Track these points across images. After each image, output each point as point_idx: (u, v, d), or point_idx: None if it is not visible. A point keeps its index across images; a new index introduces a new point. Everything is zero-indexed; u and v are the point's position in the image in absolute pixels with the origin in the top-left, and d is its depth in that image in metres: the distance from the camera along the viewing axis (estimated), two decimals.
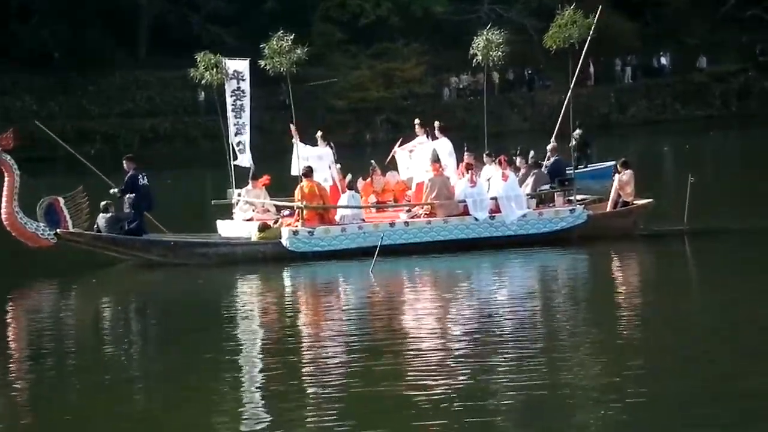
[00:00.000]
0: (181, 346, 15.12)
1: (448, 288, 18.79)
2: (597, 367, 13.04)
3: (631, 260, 21.05)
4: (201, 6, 63.44)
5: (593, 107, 61.87)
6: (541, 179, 22.44)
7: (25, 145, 57.71)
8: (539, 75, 63.24)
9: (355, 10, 62.71)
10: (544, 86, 63.39)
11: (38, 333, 16.50)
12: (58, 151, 57.56)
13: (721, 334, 14.53)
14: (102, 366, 14.17)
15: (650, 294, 17.64)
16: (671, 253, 21.21)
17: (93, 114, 60.18)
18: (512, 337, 14.58)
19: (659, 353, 13.60)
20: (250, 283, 20.07)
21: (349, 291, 19.30)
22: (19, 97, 59.89)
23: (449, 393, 12.04)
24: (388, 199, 22.98)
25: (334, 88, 61.34)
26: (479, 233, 21.63)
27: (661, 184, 35.85)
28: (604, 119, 62.05)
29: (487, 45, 23.42)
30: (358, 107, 60.94)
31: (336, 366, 13.47)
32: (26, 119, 58.78)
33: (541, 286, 19.07)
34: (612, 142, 52.05)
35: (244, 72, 23.10)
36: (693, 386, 12.12)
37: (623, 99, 64.83)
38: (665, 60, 66.21)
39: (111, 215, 21.26)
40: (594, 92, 63.12)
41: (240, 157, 23.04)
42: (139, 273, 21.18)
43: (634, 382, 12.17)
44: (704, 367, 12.87)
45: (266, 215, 22.52)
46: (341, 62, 62.19)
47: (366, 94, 61.17)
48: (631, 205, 22.31)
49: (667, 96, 64.93)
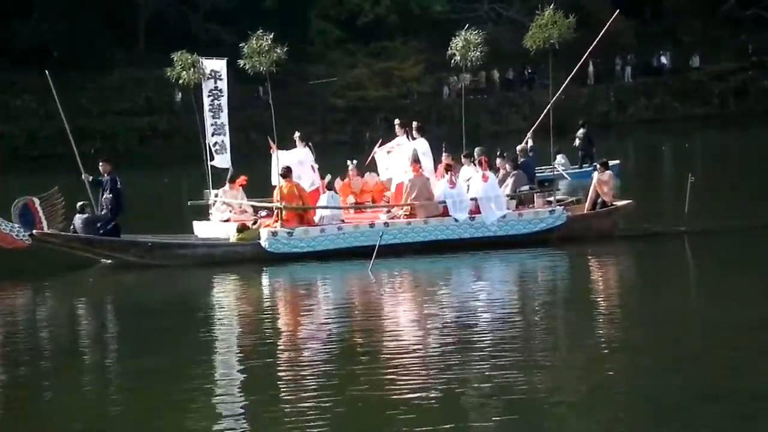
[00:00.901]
0: (158, 349, 14.98)
1: (427, 289, 18.69)
2: (579, 368, 12.97)
3: (612, 261, 20.93)
4: (200, 4, 63.40)
5: (593, 106, 61.84)
6: (521, 180, 22.35)
7: (26, 143, 58.21)
8: (539, 74, 63.11)
9: (353, 9, 62.78)
10: (544, 85, 63.14)
11: (11, 335, 16.36)
12: (57, 149, 58.13)
13: (705, 334, 14.51)
14: (76, 368, 14.10)
15: (630, 294, 17.61)
16: (650, 254, 21.10)
17: (92, 112, 60.18)
18: (492, 339, 14.50)
19: (640, 353, 13.57)
20: (228, 284, 19.93)
21: (328, 292, 19.20)
22: (18, 95, 59.96)
23: (428, 395, 12.01)
24: (366, 200, 22.91)
25: (333, 87, 61.33)
26: (459, 234, 21.54)
27: (660, 183, 35.80)
28: (603, 118, 61.96)
29: (466, 45, 23.30)
30: (357, 106, 60.88)
31: (315, 368, 13.39)
32: (26, 118, 59.19)
33: (521, 287, 18.97)
34: (612, 141, 51.98)
35: (222, 71, 22.98)
36: (680, 386, 12.04)
37: (623, 98, 64.80)
38: (665, 59, 66.13)
39: (87, 216, 21.14)
40: (593, 91, 63.06)
41: (217, 158, 22.90)
42: (116, 274, 21.00)
43: (621, 382, 12.22)
44: (691, 367, 12.82)
45: (243, 216, 22.42)
46: (340, 61, 62.22)
47: (365, 93, 61.15)
48: (611, 206, 22.23)
49: (666, 95, 64.87)
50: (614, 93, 64.64)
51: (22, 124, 58.72)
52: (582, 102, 62.92)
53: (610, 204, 22.25)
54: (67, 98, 59.07)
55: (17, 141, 58.33)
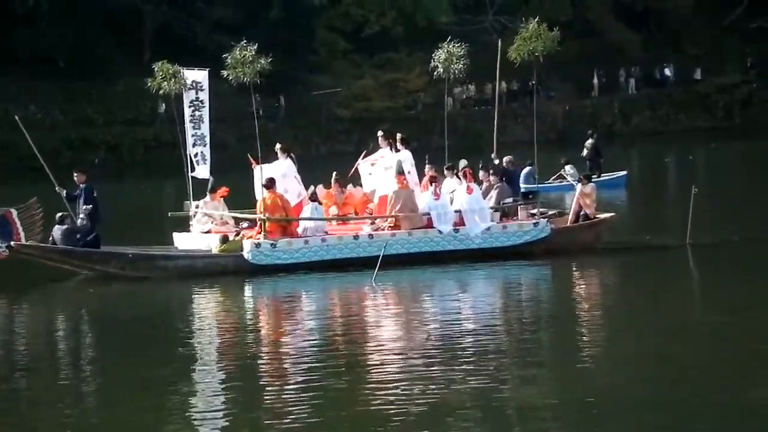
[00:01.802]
0: (138, 363, 14.80)
1: (411, 302, 18.59)
2: (566, 381, 12.88)
3: (596, 274, 20.82)
4: (205, 14, 63.40)
5: (597, 117, 61.70)
6: (505, 192, 22.24)
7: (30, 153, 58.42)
8: (543, 85, 63.00)
9: (359, 20, 62.68)
10: (548, 97, 63.17)
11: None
12: (60, 159, 58.20)
13: (694, 345, 14.61)
14: (54, 382, 13.95)
15: (615, 307, 17.52)
16: (634, 266, 21.02)
17: (97, 122, 60.22)
18: (477, 352, 14.38)
19: (626, 366, 13.52)
20: (210, 296, 19.76)
21: (311, 305, 19.03)
22: (24, 104, 60.03)
23: (410, 408, 11.92)
24: (348, 212, 22.77)
25: (337, 98, 61.32)
26: (443, 246, 21.39)
27: (663, 195, 35.62)
28: (608, 129, 61.75)
29: (449, 57, 23.19)
30: (362, 116, 60.82)
31: (297, 381, 13.29)
32: (32, 127, 59.16)
33: (506, 299, 18.81)
34: (616, 152, 51.81)
35: (203, 82, 22.89)
36: (670, 399, 12.02)
37: (627, 109, 64.64)
38: (669, 71, 65.96)
39: (67, 227, 20.88)
40: (598, 103, 62.93)
41: (198, 168, 22.79)
42: (96, 286, 20.72)
43: (608, 396, 12.18)
44: (679, 380, 12.84)
45: (224, 228, 22.28)
46: (345, 71, 62.17)
47: (369, 104, 61.07)
48: (594, 218, 22.09)
49: (671, 106, 64.66)
50: (618, 104, 64.49)
51: (28, 134, 58.54)
52: (587, 113, 62.86)
53: (593, 216, 22.14)
54: (72, 108, 59.99)
55: (21, 151, 58.30)
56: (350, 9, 63.01)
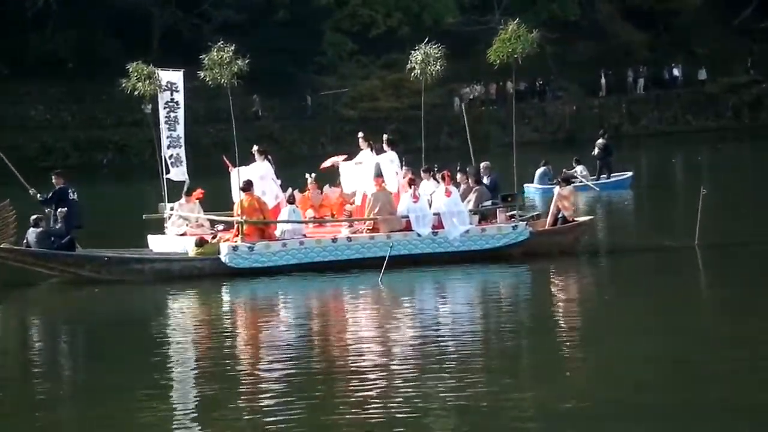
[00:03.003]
0: (113, 369, 14.62)
1: (389, 305, 18.40)
2: (549, 388, 12.67)
3: (575, 277, 20.57)
4: (212, 15, 63.41)
5: (605, 118, 61.39)
6: (484, 195, 22.06)
7: (39, 154, 58.54)
8: (550, 86, 62.76)
9: (366, 21, 62.62)
10: (556, 97, 62.93)
11: None
12: (70, 160, 58.33)
13: (678, 348, 14.36)
14: (26, 389, 13.85)
15: (594, 310, 17.30)
16: (613, 269, 20.98)
17: (105, 123, 60.31)
18: (457, 357, 14.22)
19: (605, 371, 13.40)
20: (187, 300, 19.58)
21: (289, 309, 18.83)
22: (32, 106, 60.23)
23: (388, 414, 11.81)
24: (325, 214, 22.62)
25: (344, 98, 61.26)
26: (422, 249, 21.22)
27: (670, 196, 35.32)
28: (615, 130, 61.45)
29: (425, 59, 23.00)
30: (368, 117, 60.75)
31: (275, 387, 13.18)
32: (40, 128, 59.43)
33: (485, 303, 18.57)
34: (624, 152, 51.51)
35: (178, 83, 22.73)
36: (654, 408, 11.82)
37: (634, 110, 64.31)
38: (677, 71, 65.60)
39: (41, 230, 20.77)
40: (605, 103, 62.63)
41: (173, 170, 22.63)
42: (70, 290, 20.59)
43: (593, 401, 12.04)
44: (656, 386, 12.66)
45: (200, 230, 22.11)
46: (352, 72, 62.08)
47: (376, 104, 61.00)
48: (572, 221, 21.88)
49: (679, 107, 64.28)
50: (626, 105, 64.22)
51: (35, 135, 58.96)
52: (594, 114, 62.59)
53: (572, 219, 21.92)
54: (80, 109, 60.15)
55: (30, 151, 58.58)
56: (357, 10, 63.04)
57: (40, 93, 60.48)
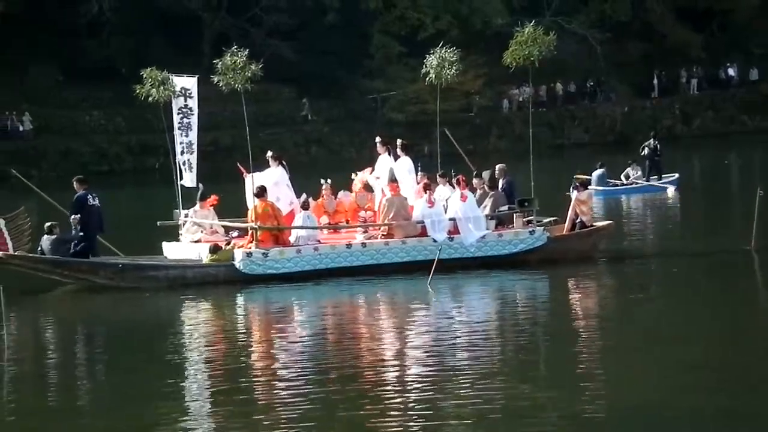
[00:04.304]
0: (128, 374, 14.62)
1: (406, 313, 18.18)
2: (566, 398, 12.43)
3: (594, 283, 20.27)
4: (262, 20, 63.59)
5: (657, 119, 60.60)
6: (500, 200, 21.71)
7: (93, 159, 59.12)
8: (601, 87, 62.03)
9: (414, 23, 62.35)
10: (607, 98, 62.20)
11: None
12: (123, 164, 58.89)
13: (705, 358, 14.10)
14: (43, 396, 13.81)
15: (613, 318, 17.00)
16: (634, 275, 20.50)
17: (156, 127, 60.73)
18: (472, 364, 14.02)
19: (624, 380, 13.12)
20: (201, 307, 19.44)
21: (304, 315, 18.68)
22: (87, 111, 60.93)
23: (406, 420, 11.69)
24: (340, 220, 22.40)
25: (392, 102, 61.12)
26: (437, 255, 20.88)
27: (724, 198, 34.70)
28: (668, 131, 60.59)
29: (441, 63, 22.72)
30: (416, 120, 60.49)
31: (290, 395, 13.04)
32: (95, 133, 60.10)
33: (502, 310, 18.33)
34: (676, 154, 50.75)
35: (192, 89, 22.73)
36: None
37: (688, 111, 63.34)
38: (732, 71, 64.48)
39: (56, 237, 20.75)
40: (658, 104, 61.80)
41: (186, 176, 22.57)
42: (85, 297, 20.54)
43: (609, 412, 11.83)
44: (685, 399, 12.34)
45: (214, 237, 22.01)
46: (400, 75, 61.81)
47: (424, 107, 60.62)
48: (590, 226, 21.47)
49: (734, 107, 63.16)
50: (679, 106, 63.28)
51: (91, 140, 59.67)
52: (646, 115, 61.76)
53: (590, 224, 21.52)
54: (133, 114, 60.52)
55: (84, 157, 59.26)
56: (405, 13, 62.77)
57: (94, 98, 61.09)
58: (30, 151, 56.26)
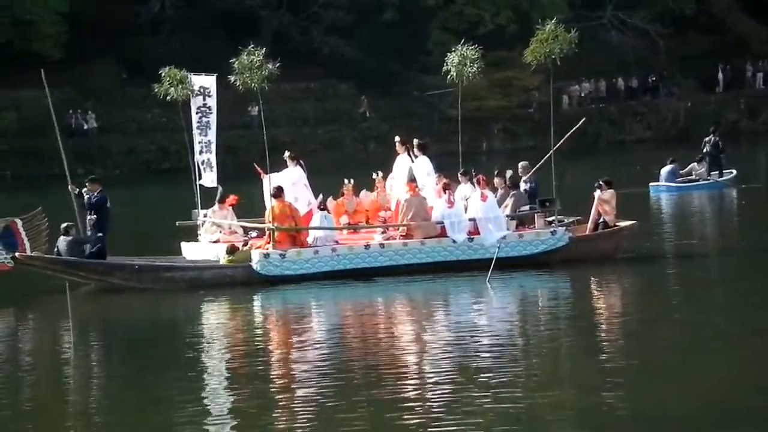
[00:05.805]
0: (145, 376, 14.53)
1: (425, 313, 17.95)
2: (585, 400, 12.27)
3: (616, 284, 19.92)
4: (321, 17, 63.53)
5: (722, 114, 59.39)
6: (521, 200, 21.25)
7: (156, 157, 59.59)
8: (664, 82, 60.91)
9: (473, 19, 61.80)
10: (669, 93, 61.08)
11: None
12: (184, 161, 59.20)
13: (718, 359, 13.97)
14: (60, 396, 13.82)
15: (636, 319, 16.68)
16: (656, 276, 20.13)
17: (217, 125, 60.93)
18: (493, 367, 13.79)
19: (645, 383, 12.88)
20: (218, 308, 19.28)
21: (322, 317, 18.47)
22: (149, 109, 61.41)
23: (425, 421, 11.56)
24: (360, 220, 22.06)
25: (449, 98, 60.61)
26: (457, 256, 20.56)
27: None
28: (732, 126, 59.33)
29: (462, 60, 22.29)
30: (474, 116, 59.97)
31: (308, 396, 12.95)
32: (156, 131, 60.53)
33: (523, 311, 18.02)
34: (740, 150, 49.75)
35: (211, 88, 22.57)
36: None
37: (754, 105, 61.97)
38: None
39: (72, 238, 20.67)
40: (723, 98, 60.57)
41: (204, 176, 22.39)
42: (101, 298, 20.44)
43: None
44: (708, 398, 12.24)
45: (233, 237, 21.80)
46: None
47: (482, 103, 60.12)
48: (614, 226, 20.88)
49: None
50: (745, 100, 61.96)
51: (153, 137, 60.13)
52: (710, 110, 60.53)
53: (613, 224, 20.93)
54: None
55: (148, 154, 59.73)
56: (464, 9, 62.25)
57: (156, 96, 61.35)
58: (94, 149, 56.79)
